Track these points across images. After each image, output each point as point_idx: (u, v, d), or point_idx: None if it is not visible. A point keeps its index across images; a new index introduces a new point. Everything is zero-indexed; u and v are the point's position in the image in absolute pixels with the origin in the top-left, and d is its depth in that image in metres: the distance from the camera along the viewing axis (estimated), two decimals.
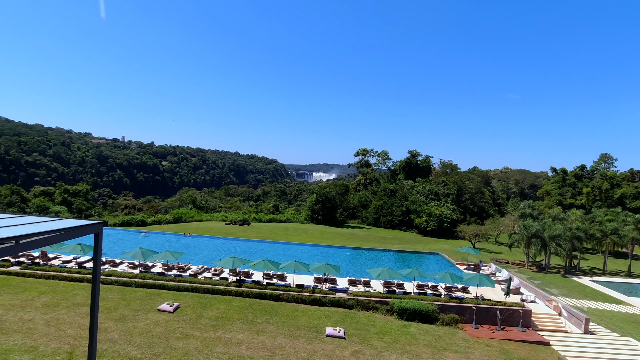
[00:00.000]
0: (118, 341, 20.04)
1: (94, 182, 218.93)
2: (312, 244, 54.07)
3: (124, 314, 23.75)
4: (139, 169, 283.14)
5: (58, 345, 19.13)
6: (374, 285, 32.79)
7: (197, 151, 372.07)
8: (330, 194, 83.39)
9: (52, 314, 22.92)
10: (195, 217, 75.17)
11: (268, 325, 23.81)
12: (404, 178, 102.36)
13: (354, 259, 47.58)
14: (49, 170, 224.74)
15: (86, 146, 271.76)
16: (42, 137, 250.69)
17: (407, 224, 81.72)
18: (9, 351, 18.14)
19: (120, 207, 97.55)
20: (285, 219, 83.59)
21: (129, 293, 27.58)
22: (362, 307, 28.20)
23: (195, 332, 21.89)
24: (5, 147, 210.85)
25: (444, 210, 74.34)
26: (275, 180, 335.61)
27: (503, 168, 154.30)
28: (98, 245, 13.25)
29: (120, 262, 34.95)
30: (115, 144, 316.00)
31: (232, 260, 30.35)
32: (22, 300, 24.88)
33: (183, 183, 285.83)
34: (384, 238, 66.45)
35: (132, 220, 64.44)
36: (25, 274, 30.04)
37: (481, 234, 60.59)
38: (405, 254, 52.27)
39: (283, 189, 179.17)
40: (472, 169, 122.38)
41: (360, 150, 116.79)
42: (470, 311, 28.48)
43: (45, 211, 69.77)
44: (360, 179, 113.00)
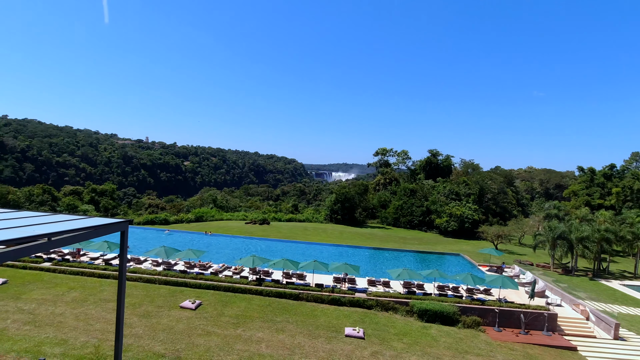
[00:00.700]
0: (142, 336, 20.63)
1: (119, 182, 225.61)
2: (332, 244, 54.12)
3: (148, 310, 24.42)
4: (162, 169, 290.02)
5: (86, 339, 19.86)
6: (394, 286, 32.57)
7: (218, 151, 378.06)
8: (350, 193, 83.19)
9: (81, 309, 23.81)
10: (216, 216, 76.43)
11: (287, 324, 24.00)
12: (424, 178, 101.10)
13: (373, 259, 47.36)
14: (78, 170, 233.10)
15: (112, 147, 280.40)
16: (71, 139, 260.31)
17: (427, 225, 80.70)
18: (41, 343, 18.97)
19: (144, 206, 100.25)
20: (305, 219, 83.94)
21: (152, 290, 28.34)
22: (382, 307, 28.04)
23: (216, 330, 22.29)
24: (38, 149, 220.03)
25: (465, 210, 73.02)
26: (295, 180, 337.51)
27: (527, 167, 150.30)
28: (124, 243, 13.69)
29: (145, 259, 35.94)
30: (140, 144, 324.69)
31: (252, 259, 30.72)
32: (53, 295, 25.94)
33: (204, 183, 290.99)
34: (404, 238, 65.84)
35: (155, 219, 66.12)
36: (56, 269, 31.29)
37: (504, 235, 59.16)
38: (425, 254, 51.65)
39: (302, 188, 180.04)
40: (495, 169, 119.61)
41: (380, 149, 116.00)
42: (493, 314, 27.91)
43: (74, 210, 72.45)
44: (379, 179, 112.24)
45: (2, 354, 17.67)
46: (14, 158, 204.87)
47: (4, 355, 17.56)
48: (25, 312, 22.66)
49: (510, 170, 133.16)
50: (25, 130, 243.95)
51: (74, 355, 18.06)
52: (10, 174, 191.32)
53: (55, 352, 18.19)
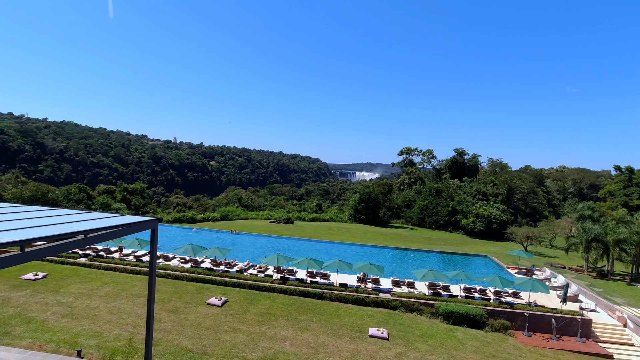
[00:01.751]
0: (171, 331, 21.30)
1: (149, 181, 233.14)
2: (356, 244, 53.95)
3: (176, 306, 25.17)
4: (189, 168, 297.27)
5: (119, 332, 20.71)
6: (419, 287, 32.16)
7: (243, 151, 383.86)
8: (374, 193, 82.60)
9: (114, 303, 24.84)
10: (241, 215, 77.67)
11: (311, 323, 24.16)
12: (449, 177, 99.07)
13: (397, 260, 46.89)
14: (111, 170, 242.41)
15: (142, 147, 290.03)
16: (105, 140, 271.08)
17: (453, 225, 79.08)
18: (78, 335, 19.93)
19: (172, 205, 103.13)
20: (329, 218, 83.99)
21: (180, 286, 29.19)
22: (406, 308, 27.75)
23: (241, 327, 22.72)
24: (75, 150, 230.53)
25: (493, 211, 71.05)
26: (319, 180, 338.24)
27: (559, 167, 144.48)
28: (154, 240, 14.19)
29: (173, 256, 37.05)
30: (168, 145, 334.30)
31: (277, 258, 31.08)
32: (89, 289, 27.17)
33: (230, 182, 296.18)
34: (429, 239, 64.79)
35: (183, 217, 67.91)
36: (91, 265, 32.77)
37: (534, 237, 57.12)
38: (451, 255, 50.65)
39: (326, 188, 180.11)
40: (524, 168, 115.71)
41: (404, 149, 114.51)
42: (522, 318, 27.08)
43: (108, 208, 75.46)
44: (404, 178, 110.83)
45: (43, 343, 18.69)
46: (53, 159, 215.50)
47: (45, 345, 18.58)
48: (63, 305, 23.87)
49: (540, 169, 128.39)
50: (63, 132, 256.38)
51: (107, 347, 18.88)
52: (49, 174, 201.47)
53: (91, 344, 19.07)
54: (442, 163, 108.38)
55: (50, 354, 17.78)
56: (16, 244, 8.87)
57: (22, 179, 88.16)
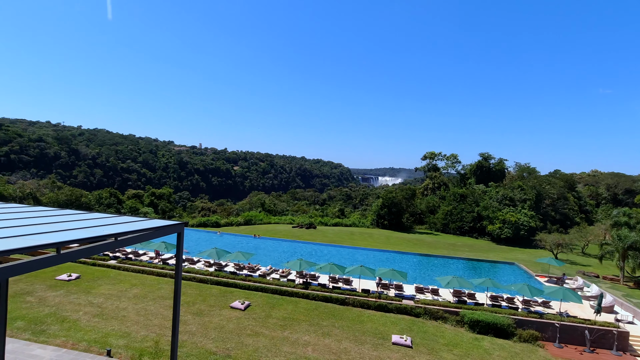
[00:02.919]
0: (196, 334, 21.72)
1: (175, 186, 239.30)
2: (378, 249, 53.48)
3: (201, 308, 25.66)
4: (213, 173, 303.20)
5: (146, 333, 21.29)
6: (443, 294, 31.51)
7: (266, 156, 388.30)
8: (397, 198, 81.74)
9: (141, 305, 25.57)
10: (264, 220, 78.43)
11: (334, 328, 24.08)
12: (474, 182, 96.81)
13: (421, 266, 46.14)
14: (139, 175, 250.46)
15: (169, 153, 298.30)
16: (134, 146, 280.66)
17: (478, 231, 77.15)
18: (108, 335, 20.63)
19: (197, 209, 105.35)
20: (351, 223, 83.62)
21: (205, 289, 29.73)
22: (430, 316, 27.24)
23: (264, 331, 22.90)
24: (106, 156, 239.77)
25: (521, 216, 68.86)
26: (341, 185, 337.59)
27: (591, 171, 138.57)
28: (180, 243, 14.57)
29: (198, 260, 37.80)
30: (194, 150, 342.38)
31: (299, 263, 31.20)
32: (118, 290, 28.10)
33: (253, 187, 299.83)
34: (453, 245, 63.42)
35: (207, 222, 69.24)
36: (120, 267, 33.89)
37: (565, 244, 54.87)
38: (476, 262, 49.38)
39: (348, 193, 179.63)
40: (554, 172, 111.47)
41: (428, 153, 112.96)
42: (553, 328, 26.06)
43: (136, 212, 77.99)
44: (427, 184, 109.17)
45: (76, 342, 19.45)
46: (86, 164, 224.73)
47: (77, 344, 19.33)
48: (94, 305, 24.78)
49: (571, 174, 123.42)
50: (95, 139, 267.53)
51: (135, 347, 19.44)
52: (83, 179, 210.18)
53: (120, 344, 19.70)
54: (467, 168, 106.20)
55: (82, 352, 18.47)
56: (53, 246, 9.33)
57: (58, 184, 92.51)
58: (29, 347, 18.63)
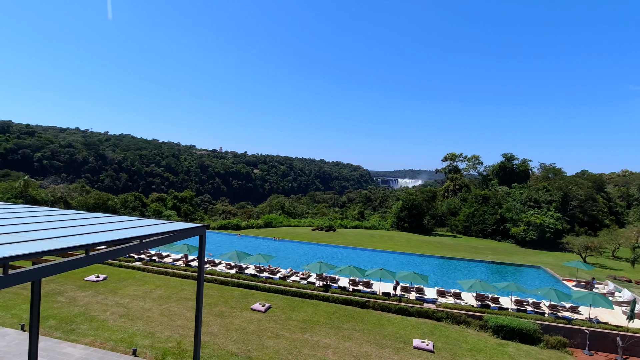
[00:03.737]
0: (217, 335, 22.06)
1: (197, 189, 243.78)
2: (398, 252, 52.94)
3: (222, 310, 26.03)
4: (234, 176, 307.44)
5: (170, 333, 21.77)
6: (465, 298, 30.92)
7: (285, 159, 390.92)
8: (417, 200, 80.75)
9: (165, 306, 26.17)
10: (284, 223, 78.91)
11: (354, 331, 23.98)
12: (497, 184, 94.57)
13: (442, 269, 45.39)
14: (162, 179, 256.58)
15: (191, 157, 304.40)
16: (157, 150, 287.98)
17: (501, 234, 75.26)
18: (133, 335, 21.21)
19: (218, 212, 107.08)
20: (371, 226, 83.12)
21: (226, 291, 30.16)
22: (453, 320, 26.75)
23: (284, 333, 23.03)
24: (131, 160, 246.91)
25: (546, 219, 66.78)
26: (360, 187, 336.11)
27: (621, 171, 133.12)
28: (202, 246, 14.87)
29: (219, 262, 38.40)
30: (214, 154, 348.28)
31: (319, 265, 31.24)
32: (143, 291, 28.85)
33: (272, 190, 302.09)
34: (476, 248, 62.11)
35: (228, 224, 70.22)
36: (144, 269, 34.80)
37: (594, 247, 52.79)
38: (500, 265, 48.17)
39: (368, 195, 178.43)
40: (581, 173, 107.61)
41: (449, 155, 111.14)
42: (582, 335, 25.15)
43: (160, 215, 79.89)
44: (448, 185, 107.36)
45: (103, 341, 20.09)
46: (112, 169, 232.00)
47: (105, 343, 19.96)
48: (120, 306, 25.53)
49: (600, 174, 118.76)
50: (121, 144, 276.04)
51: (159, 347, 19.91)
52: (109, 183, 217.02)
53: (145, 344, 20.21)
54: (489, 169, 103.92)
55: (110, 351, 19.06)
56: (82, 248, 9.71)
57: (86, 188, 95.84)
58: (60, 345, 19.36)
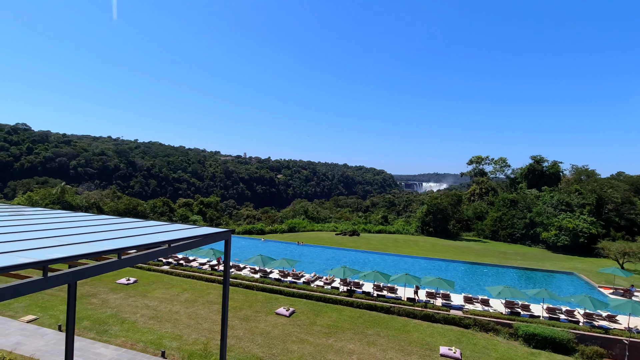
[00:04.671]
0: (243, 338, 22.34)
1: (221, 195, 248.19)
2: (423, 257, 52.10)
3: (247, 314, 26.36)
4: (257, 182, 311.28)
5: (197, 336, 22.23)
6: (494, 305, 30.06)
7: (308, 164, 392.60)
8: (442, 204, 79.34)
9: (192, 309, 26.76)
10: (308, 227, 79.19)
11: (379, 337, 23.74)
12: (526, 187, 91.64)
13: (469, 275, 44.30)
14: (189, 184, 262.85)
15: (216, 163, 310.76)
16: (184, 157, 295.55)
17: (531, 238, 72.75)
18: (162, 337, 21.79)
19: (242, 217, 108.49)
20: (395, 230, 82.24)
21: (251, 295, 30.53)
22: (480, 327, 26.05)
23: (309, 338, 23.06)
24: (159, 167, 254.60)
25: (579, 223, 64.06)
26: (384, 191, 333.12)
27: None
28: (228, 250, 15.16)
29: (244, 266, 38.92)
30: (239, 160, 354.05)
31: (343, 270, 31.15)
32: (171, 294, 29.61)
33: (296, 194, 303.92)
34: (504, 253, 60.26)
35: (252, 229, 71.14)
36: (172, 272, 35.71)
37: (632, 253, 50.17)
38: (530, 271, 46.55)
39: (392, 199, 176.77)
40: (616, 175, 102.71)
41: (474, 158, 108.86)
42: (621, 345, 23.94)
43: (186, 220, 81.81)
44: (474, 189, 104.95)
45: (134, 342, 20.75)
46: (142, 175, 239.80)
47: (135, 344, 20.60)
48: (150, 308, 26.29)
49: (637, 176, 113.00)
50: (150, 151, 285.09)
51: (186, 350, 20.36)
52: (139, 189, 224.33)
53: (173, 346, 20.72)
54: (517, 172, 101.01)
55: (140, 352, 19.65)
56: (114, 252, 10.12)
57: (118, 194, 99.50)
58: (94, 345, 20.13)
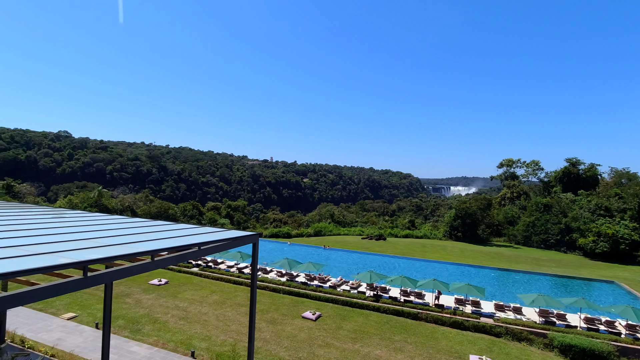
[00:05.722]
0: (269, 341, 22.56)
1: (249, 198, 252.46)
2: (452, 262, 50.90)
3: (274, 317, 26.60)
4: (284, 186, 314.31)
5: (225, 338, 22.65)
6: (527, 313, 28.96)
7: (334, 168, 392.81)
8: (471, 209, 77.35)
9: (220, 310, 27.29)
10: (334, 231, 79.15)
11: (406, 344, 23.37)
12: (561, 191, 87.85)
13: (499, 281, 42.89)
14: (217, 188, 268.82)
15: (243, 167, 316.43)
16: (212, 161, 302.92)
17: (567, 245, 69.57)
18: (191, 337, 22.35)
19: (269, 221, 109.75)
20: (422, 235, 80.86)
21: (277, 299, 30.80)
22: (513, 336, 25.14)
23: (335, 342, 23.01)
24: (189, 171, 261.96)
25: (620, 228, 60.75)
26: (410, 195, 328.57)
27: None
28: (255, 253, 15.41)
29: (271, 270, 39.33)
30: (265, 164, 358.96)
31: (370, 275, 30.92)
32: (200, 296, 30.33)
33: (322, 198, 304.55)
34: (537, 259, 57.94)
35: (279, 233, 71.86)
36: (201, 274, 36.58)
37: None
38: (566, 279, 44.52)
39: (419, 203, 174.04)
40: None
41: (505, 161, 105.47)
42: None
43: (214, 223, 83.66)
44: (505, 193, 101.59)
45: (165, 342, 21.39)
46: (172, 179, 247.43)
47: (166, 343, 21.23)
48: (180, 309, 27.03)
49: None
50: (180, 156, 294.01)
51: (215, 351, 20.77)
52: (170, 193, 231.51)
53: (202, 346, 21.20)
54: (551, 175, 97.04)
55: (171, 352, 20.23)
56: (148, 254, 10.52)
57: (150, 198, 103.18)
58: (128, 343, 20.91)
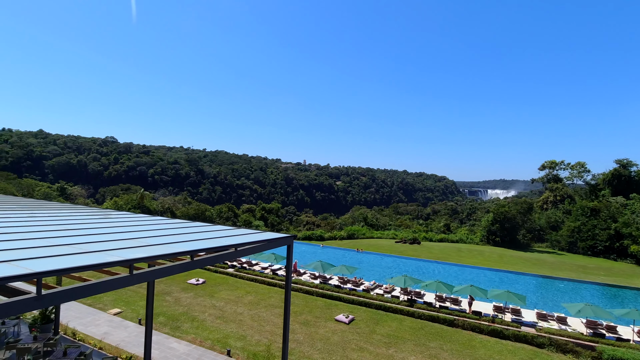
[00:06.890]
0: (303, 343, 22.75)
1: (282, 201, 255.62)
2: (489, 268, 49.08)
3: (307, 319, 26.79)
4: (317, 188, 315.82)
5: (259, 338, 23.08)
6: (572, 324, 27.42)
7: (367, 171, 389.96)
8: (510, 212, 74.25)
9: (255, 311, 27.85)
10: (367, 234, 78.57)
11: (441, 351, 22.81)
12: (610, 194, 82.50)
13: (541, 289, 40.88)
14: (251, 191, 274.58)
15: (277, 170, 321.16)
16: (247, 165, 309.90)
17: (617, 252, 65.10)
18: (227, 336, 22.97)
19: (302, 223, 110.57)
20: (458, 239, 78.52)
21: (311, 301, 30.99)
22: (557, 348, 23.87)
23: (368, 346, 22.84)
24: (224, 174, 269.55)
25: None
26: (446, 198, 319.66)
27: None
28: (290, 255, 15.65)
29: (304, 272, 39.65)
30: (299, 167, 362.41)
31: (404, 279, 30.48)
32: (235, 296, 31.10)
33: (355, 201, 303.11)
34: (584, 267, 54.64)
35: (312, 235, 72.28)
36: (237, 275, 37.49)
37: None
38: (616, 289, 41.70)
39: (454, 207, 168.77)
40: None
41: (547, 163, 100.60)
42: None
43: (249, 225, 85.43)
44: (547, 196, 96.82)
45: (202, 340, 22.11)
46: (209, 182, 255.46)
47: (204, 341, 21.94)
48: (216, 308, 27.84)
49: None
50: (216, 159, 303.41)
51: (250, 350, 21.22)
52: (206, 195, 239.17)
53: (237, 346, 21.73)
54: (599, 177, 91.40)
55: (208, 350, 20.88)
56: (188, 254, 10.98)
57: (188, 200, 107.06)
58: (168, 340, 21.80)
